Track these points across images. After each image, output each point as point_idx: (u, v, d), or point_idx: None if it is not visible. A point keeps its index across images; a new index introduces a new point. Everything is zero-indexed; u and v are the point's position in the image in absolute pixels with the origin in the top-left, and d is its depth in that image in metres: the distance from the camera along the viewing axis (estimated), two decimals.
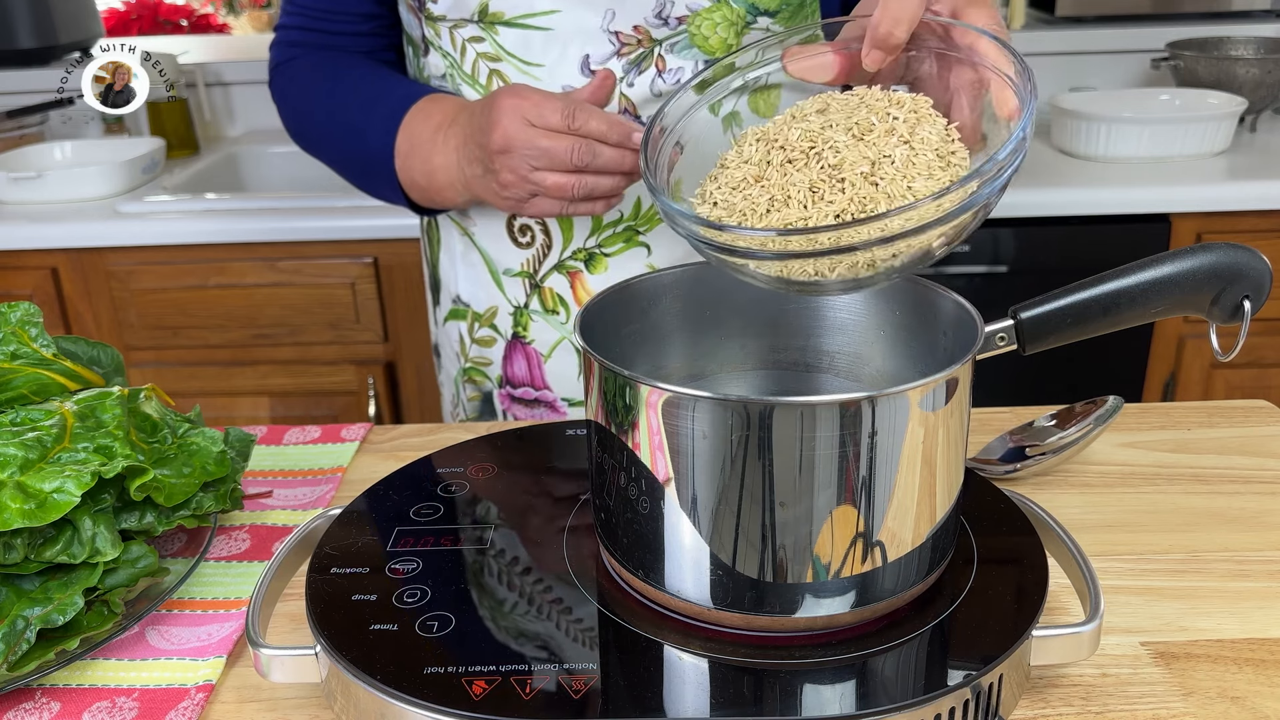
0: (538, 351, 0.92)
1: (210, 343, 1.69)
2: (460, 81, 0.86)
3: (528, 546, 0.61)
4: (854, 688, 0.50)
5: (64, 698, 0.56)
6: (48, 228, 1.63)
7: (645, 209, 0.86)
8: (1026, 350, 0.60)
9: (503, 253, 0.90)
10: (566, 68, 0.81)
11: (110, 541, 0.59)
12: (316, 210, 1.62)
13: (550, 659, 0.51)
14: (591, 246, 0.87)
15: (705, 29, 0.80)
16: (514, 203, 0.78)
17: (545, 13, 0.80)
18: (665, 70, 0.81)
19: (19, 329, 0.70)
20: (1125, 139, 1.67)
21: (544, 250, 0.88)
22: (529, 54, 0.82)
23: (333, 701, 0.53)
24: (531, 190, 0.76)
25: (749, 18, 0.80)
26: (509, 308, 0.91)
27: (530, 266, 0.89)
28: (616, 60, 0.81)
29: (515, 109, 0.74)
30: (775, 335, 0.66)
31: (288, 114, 0.96)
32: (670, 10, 0.79)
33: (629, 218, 0.86)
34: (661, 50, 0.81)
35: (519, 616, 0.55)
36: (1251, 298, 0.59)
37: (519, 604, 0.56)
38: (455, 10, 0.83)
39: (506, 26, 0.81)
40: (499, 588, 0.57)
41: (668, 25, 0.80)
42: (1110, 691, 0.54)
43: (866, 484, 0.50)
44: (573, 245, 0.87)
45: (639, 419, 0.51)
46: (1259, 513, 0.70)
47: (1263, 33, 1.98)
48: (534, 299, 0.90)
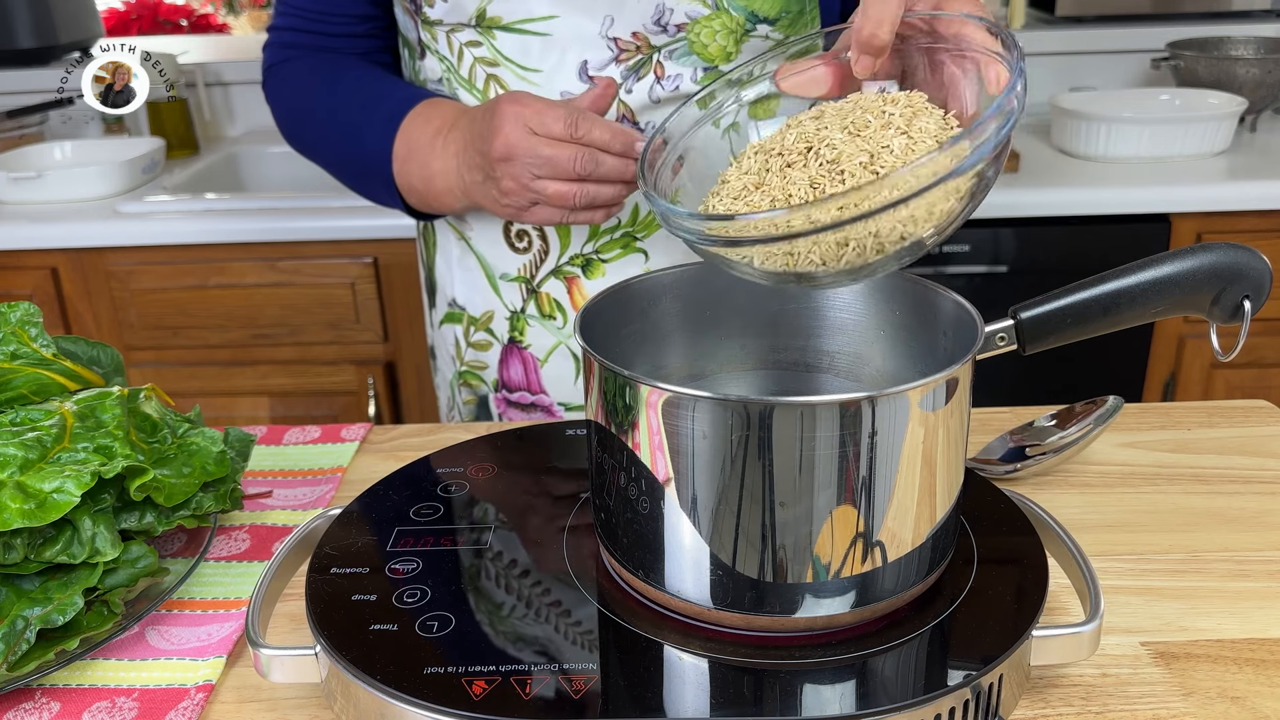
0: (534, 356, 0.91)
1: (210, 343, 1.69)
2: (457, 86, 0.86)
3: (528, 547, 0.61)
4: (854, 688, 0.50)
5: (64, 698, 0.55)
6: (48, 228, 1.63)
7: (643, 215, 0.86)
8: (1026, 350, 0.60)
9: (500, 258, 0.90)
10: (564, 74, 0.81)
11: (110, 541, 0.59)
12: (316, 210, 1.62)
13: (550, 659, 0.51)
14: (589, 252, 0.87)
15: (704, 36, 0.79)
16: (514, 210, 0.78)
17: (544, 18, 0.80)
18: (664, 77, 0.81)
19: (19, 329, 0.70)
20: (1125, 139, 1.67)
21: (541, 256, 0.88)
22: (527, 59, 0.82)
23: (333, 701, 0.53)
24: (532, 198, 0.76)
25: (748, 25, 0.80)
26: (505, 312, 0.91)
27: (527, 272, 0.89)
28: (615, 66, 0.81)
29: (517, 116, 0.74)
30: (775, 335, 0.66)
31: (282, 115, 0.95)
32: (669, 18, 0.79)
33: (627, 224, 0.86)
34: (660, 57, 0.80)
35: (519, 617, 0.55)
36: (1251, 298, 0.59)
37: (519, 604, 0.56)
38: (452, 15, 0.82)
39: (504, 31, 0.81)
40: (499, 588, 0.57)
41: (666, 32, 0.79)
42: (1110, 691, 0.54)
43: (866, 484, 0.50)
44: (570, 251, 0.87)
45: (639, 419, 0.51)
46: (1259, 513, 0.70)
47: (1263, 33, 1.98)
48: (531, 304, 0.90)
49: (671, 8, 0.79)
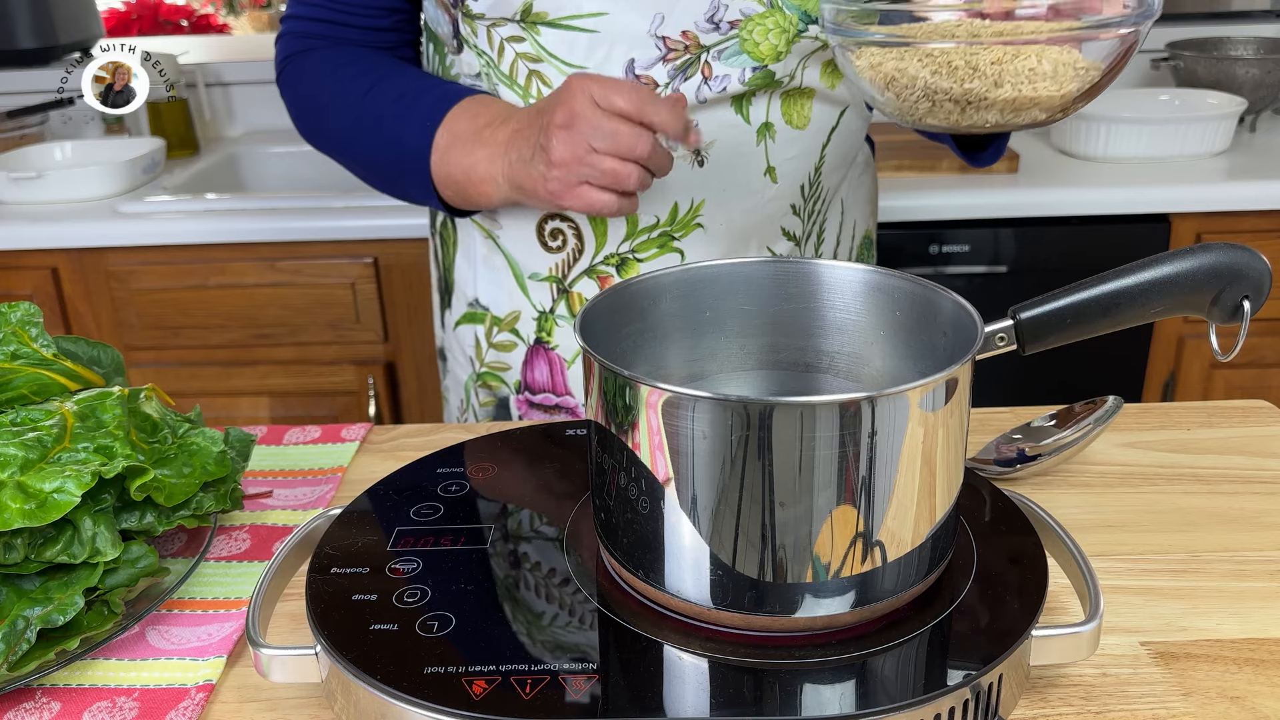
0: (561, 357, 0.90)
1: (210, 343, 1.69)
2: (497, 81, 0.84)
3: (527, 546, 0.61)
4: (854, 688, 0.50)
5: (64, 698, 0.56)
6: (48, 228, 1.63)
7: (681, 214, 0.85)
8: (1026, 350, 0.60)
9: (530, 256, 0.88)
10: (610, 71, 0.80)
11: (110, 541, 0.59)
12: (316, 210, 1.62)
13: (550, 659, 0.51)
14: (624, 251, 0.85)
15: (757, 35, 0.78)
16: (559, 187, 0.75)
17: (592, 14, 0.79)
18: (711, 77, 0.80)
19: (19, 329, 0.70)
20: (1125, 139, 1.67)
21: (575, 254, 0.87)
22: (572, 56, 0.80)
23: (333, 701, 0.53)
24: (583, 175, 0.74)
25: (801, 25, 0.79)
26: (533, 312, 0.90)
27: (559, 271, 0.88)
28: (662, 65, 0.79)
29: (584, 89, 0.72)
30: (775, 335, 0.66)
31: (301, 108, 0.93)
32: (723, 14, 0.78)
33: (665, 223, 0.85)
34: (708, 57, 0.79)
35: (519, 617, 0.55)
36: (1251, 298, 0.59)
37: (519, 604, 0.56)
38: (496, 9, 0.81)
39: (550, 27, 0.80)
40: (499, 588, 0.57)
41: (719, 30, 0.78)
42: (1110, 691, 0.54)
43: (866, 484, 0.50)
44: (605, 250, 0.86)
45: (639, 419, 0.51)
46: (1259, 513, 0.70)
47: (1263, 33, 1.98)
48: (561, 304, 0.89)
49: (726, 4, 0.78)
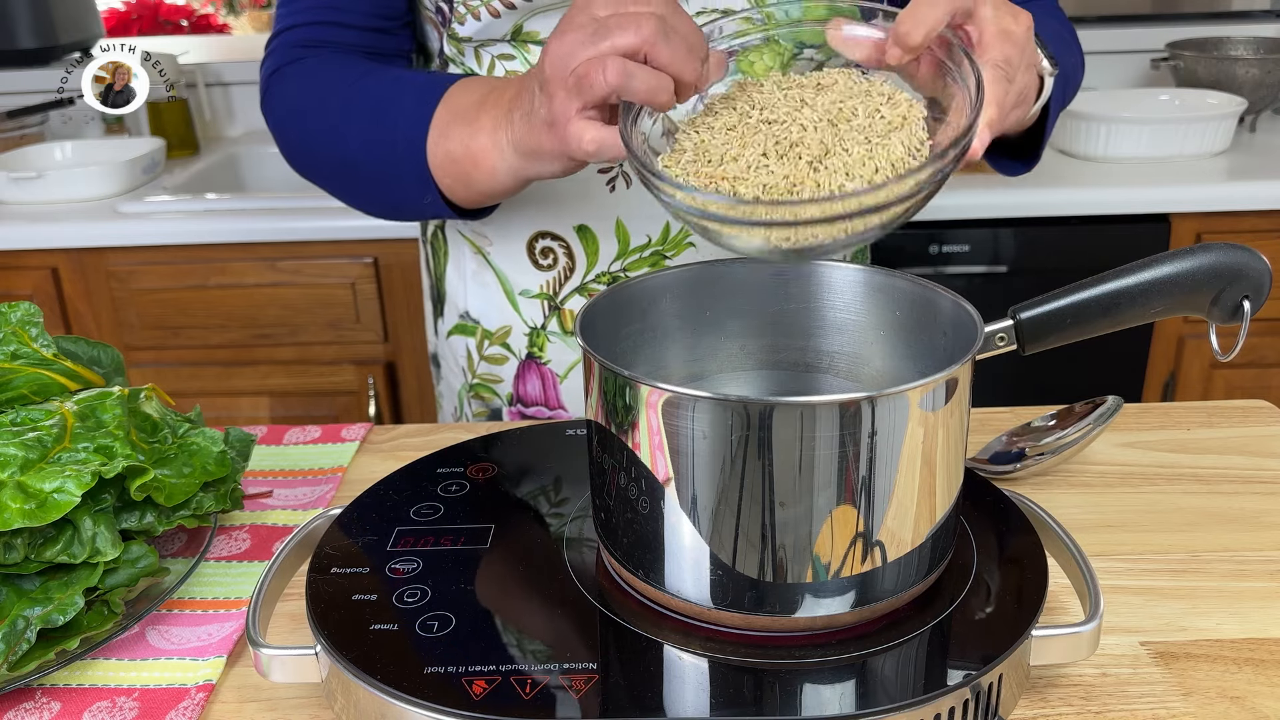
0: (553, 372, 0.90)
1: (210, 343, 1.69)
2: None
3: (527, 546, 0.61)
4: (854, 688, 0.50)
5: (64, 698, 0.56)
6: (48, 228, 1.63)
7: (674, 234, 0.84)
8: (1026, 350, 0.60)
9: (521, 274, 0.88)
10: None
11: (110, 541, 0.59)
12: (316, 210, 1.62)
13: (550, 659, 0.51)
14: (616, 270, 0.85)
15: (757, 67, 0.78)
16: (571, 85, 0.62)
17: None
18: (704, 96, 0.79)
19: (19, 329, 0.70)
20: (1125, 139, 1.67)
21: (566, 273, 0.86)
22: None
23: (333, 701, 0.53)
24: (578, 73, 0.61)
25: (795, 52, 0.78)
26: (524, 328, 0.89)
27: (550, 289, 0.87)
28: None
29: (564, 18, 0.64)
30: (775, 335, 0.66)
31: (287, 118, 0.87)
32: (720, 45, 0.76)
33: (656, 241, 0.84)
34: None
35: (519, 617, 0.55)
36: (1251, 298, 0.59)
37: (519, 604, 0.56)
38: (485, 33, 0.80)
39: (541, 46, 0.77)
40: (499, 588, 0.57)
41: None
42: (1110, 691, 0.54)
43: (866, 484, 0.50)
44: (597, 269, 0.85)
45: (639, 419, 0.51)
46: (1259, 513, 0.70)
47: (1263, 33, 1.98)
48: (553, 320, 0.88)
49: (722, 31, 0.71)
